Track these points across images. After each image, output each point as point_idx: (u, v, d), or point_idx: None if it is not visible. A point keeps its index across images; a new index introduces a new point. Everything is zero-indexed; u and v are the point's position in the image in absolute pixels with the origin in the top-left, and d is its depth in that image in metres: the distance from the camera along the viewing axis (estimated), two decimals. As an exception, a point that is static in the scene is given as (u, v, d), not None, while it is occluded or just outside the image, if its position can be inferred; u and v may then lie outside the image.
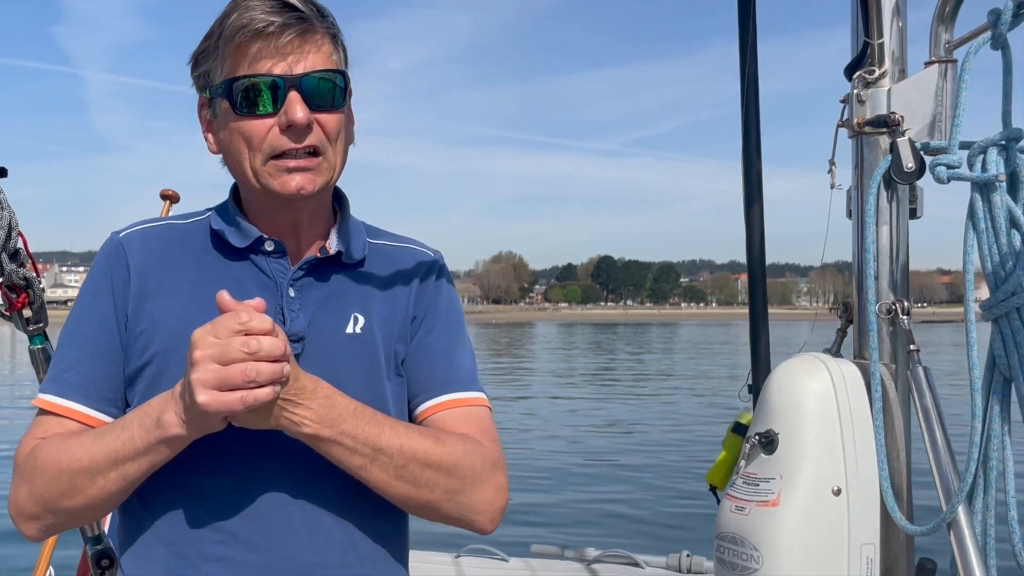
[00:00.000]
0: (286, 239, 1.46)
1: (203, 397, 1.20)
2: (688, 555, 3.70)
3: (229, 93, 1.38)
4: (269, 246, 1.45)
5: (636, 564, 3.76)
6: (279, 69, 1.37)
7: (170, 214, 3.09)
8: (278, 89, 1.37)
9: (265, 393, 1.21)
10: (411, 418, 1.54)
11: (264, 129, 1.37)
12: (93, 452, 1.32)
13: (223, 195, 1.56)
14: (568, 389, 26.12)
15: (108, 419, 1.40)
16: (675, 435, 15.36)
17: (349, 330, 1.46)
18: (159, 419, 1.28)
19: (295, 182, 1.38)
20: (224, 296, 1.25)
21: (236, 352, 1.19)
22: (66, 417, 1.40)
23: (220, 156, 1.47)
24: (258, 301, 1.25)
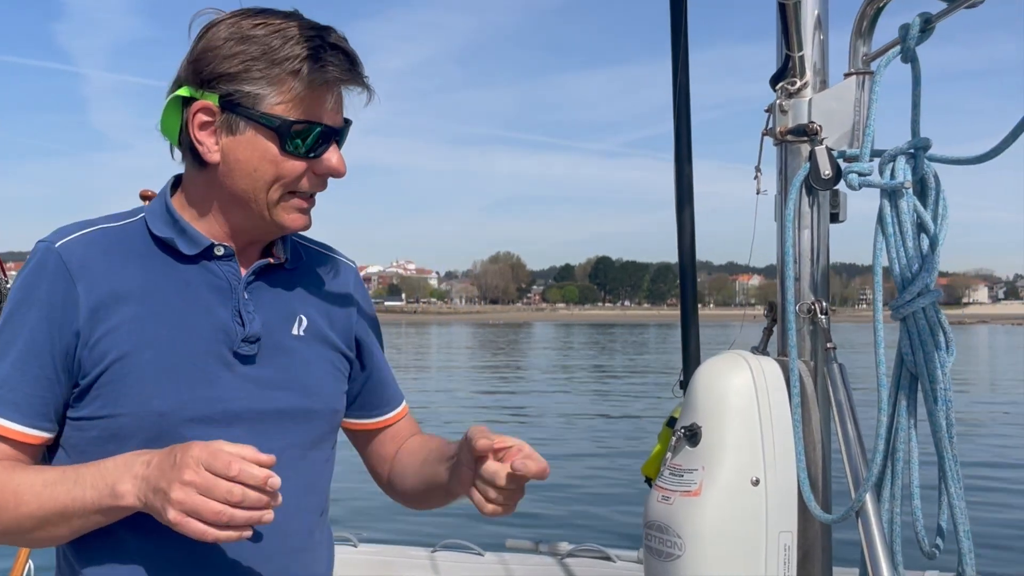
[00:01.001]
0: (230, 243, 1.52)
1: (173, 515, 1.25)
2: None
3: (282, 130, 1.42)
4: (219, 251, 1.50)
5: (608, 558, 3.83)
6: (332, 120, 1.46)
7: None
8: (328, 138, 1.46)
9: (227, 536, 1.26)
10: (371, 425, 1.77)
11: (300, 170, 1.45)
12: (43, 501, 1.35)
13: None
14: (563, 384, 26.21)
15: (42, 435, 1.42)
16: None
17: (295, 331, 1.55)
18: (114, 489, 1.31)
19: (303, 221, 1.50)
20: (251, 450, 1.27)
21: (220, 495, 1.23)
22: (3, 437, 1.40)
23: (210, 163, 1.46)
24: (269, 458, 1.27)
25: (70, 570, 1.47)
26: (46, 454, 1.48)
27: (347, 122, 1.50)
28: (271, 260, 1.55)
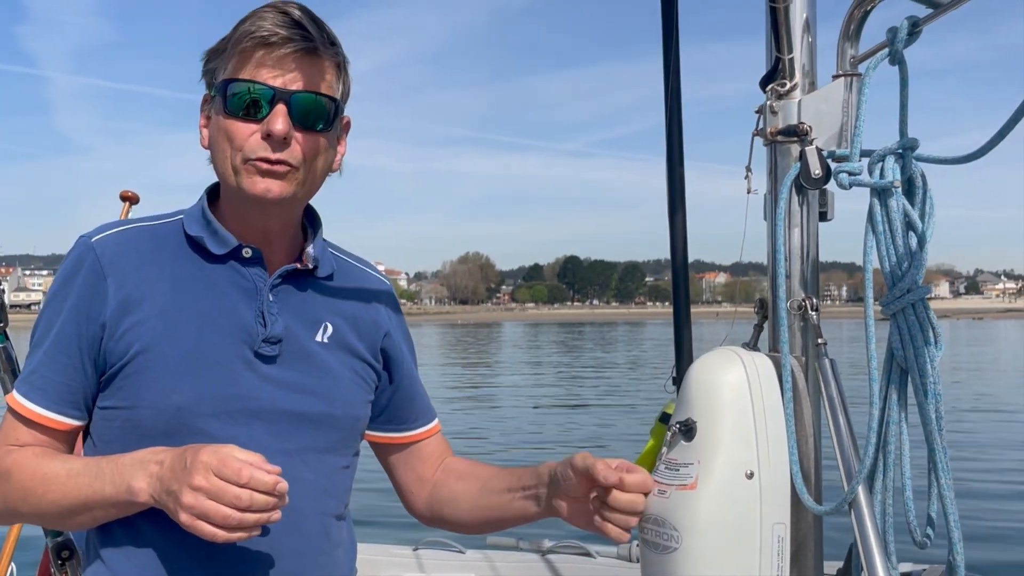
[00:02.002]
0: (260, 247, 1.55)
1: (184, 518, 1.30)
2: (639, 544, 3.81)
3: (224, 92, 1.47)
4: (247, 253, 1.53)
5: (588, 554, 3.87)
6: (278, 82, 1.46)
7: (129, 215, 3.15)
8: (269, 99, 1.45)
9: (237, 537, 1.31)
10: (400, 439, 1.78)
11: (247, 132, 1.46)
12: (67, 491, 1.40)
13: (187, 197, 1.64)
14: (532, 380, 26.25)
15: (70, 422, 1.48)
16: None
17: (318, 338, 1.58)
18: (130, 486, 1.36)
19: (263, 184, 1.47)
20: (259, 458, 1.31)
21: (229, 500, 1.27)
22: (34, 422, 1.46)
23: (208, 153, 1.53)
24: (275, 469, 1.31)
25: (94, 552, 1.51)
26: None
27: (317, 94, 1.49)
28: (298, 265, 1.57)
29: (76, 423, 1.49)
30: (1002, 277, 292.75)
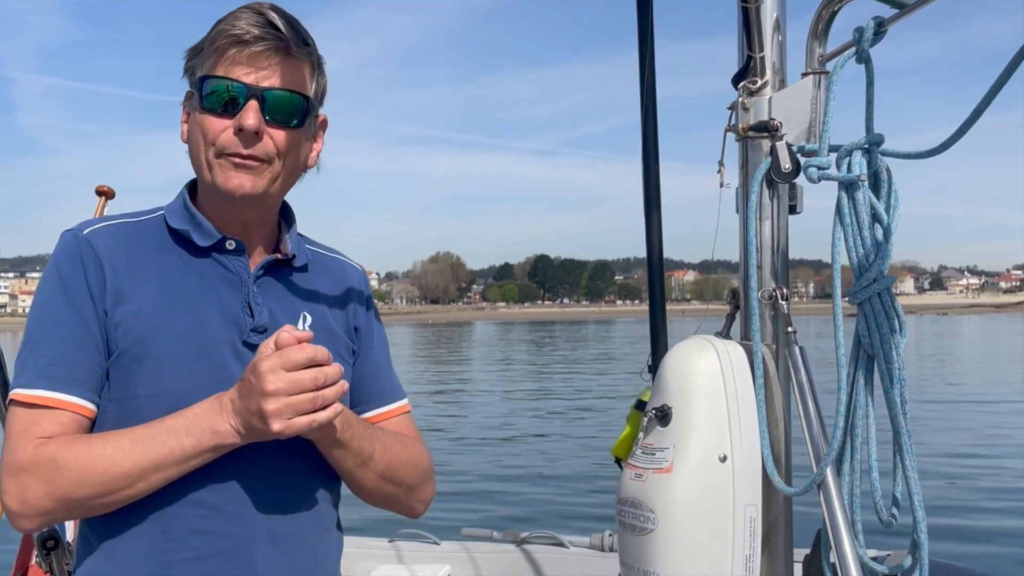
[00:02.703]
0: (240, 238, 1.60)
1: (278, 426, 1.37)
2: (611, 534, 3.87)
3: (200, 88, 1.52)
4: (231, 245, 1.58)
5: (562, 544, 3.92)
6: (250, 79, 1.51)
7: (105, 210, 3.16)
8: (241, 95, 1.50)
9: (328, 415, 1.41)
10: (368, 417, 1.77)
11: (220, 127, 1.51)
12: (137, 459, 1.41)
13: (155, 198, 1.67)
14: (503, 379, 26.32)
15: (95, 407, 1.48)
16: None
17: (300, 325, 1.62)
18: (214, 430, 1.41)
19: (236, 179, 1.52)
20: (288, 332, 1.41)
21: (308, 384, 1.37)
22: (60, 410, 1.45)
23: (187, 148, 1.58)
24: (309, 334, 1.42)
25: (91, 543, 1.52)
26: None
27: (290, 92, 1.53)
28: (279, 256, 1.62)
29: (96, 411, 1.50)
30: (965, 273, 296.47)
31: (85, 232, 1.54)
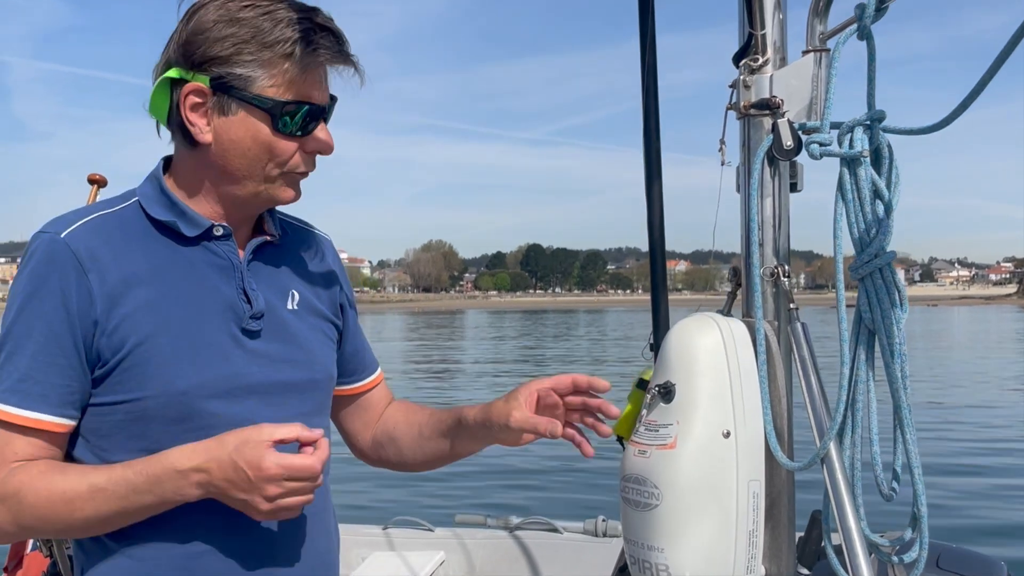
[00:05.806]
0: (228, 223, 1.57)
1: (261, 518, 1.42)
2: (604, 520, 3.89)
3: (274, 111, 1.46)
4: (218, 231, 1.54)
5: (555, 530, 3.94)
6: (324, 98, 1.52)
7: (98, 198, 3.15)
8: (316, 116, 1.51)
9: (309, 500, 1.44)
10: (349, 391, 1.85)
11: (292, 149, 1.51)
12: (98, 508, 1.39)
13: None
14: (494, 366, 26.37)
15: (70, 423, 1.45)
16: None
17: (289, 306, 1.62)
18: (181, 495, 1.39)
19: (292, 193, 1.55)
20: (295, 432, 1.42)
21: (307, 491, 1.41)
22: (35, 429, 1.42)
23: (202, 144, 1.49)
24: (318, 434, 1.44)
25: (107, 544, 1.50)
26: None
27: (333, 99, 1.56)
28: (267, 238, 1.61)
29: (74, 423, 1.46)
30: (955, 265, 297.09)
31: (63, 235, 1.45)
